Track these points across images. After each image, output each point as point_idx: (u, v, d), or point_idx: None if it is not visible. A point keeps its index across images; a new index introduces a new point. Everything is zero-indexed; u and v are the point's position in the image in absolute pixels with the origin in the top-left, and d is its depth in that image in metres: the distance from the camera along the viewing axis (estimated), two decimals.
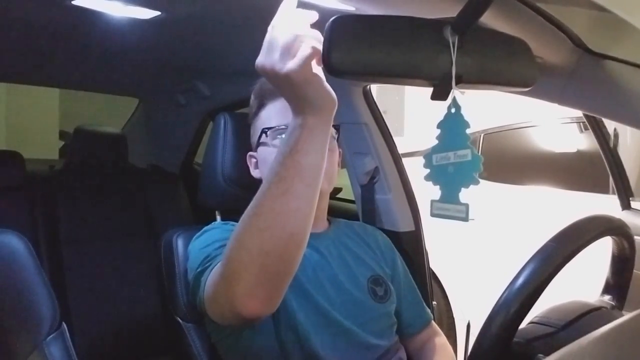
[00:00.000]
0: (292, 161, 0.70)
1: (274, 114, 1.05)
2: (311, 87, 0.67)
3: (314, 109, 0.69)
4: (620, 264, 0.95)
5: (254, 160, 1.10)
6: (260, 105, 1.08)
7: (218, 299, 0.82)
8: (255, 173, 1.10)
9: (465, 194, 0.71)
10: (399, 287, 1.15)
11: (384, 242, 1.20)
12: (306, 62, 0.64)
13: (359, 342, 1.00)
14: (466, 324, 2.17)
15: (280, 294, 0.78)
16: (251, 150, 1.12)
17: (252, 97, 1.11)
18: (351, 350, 0.99)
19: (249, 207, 0.74)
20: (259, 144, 1.06)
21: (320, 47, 0.65)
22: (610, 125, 2.06)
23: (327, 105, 0.70)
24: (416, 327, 1.17)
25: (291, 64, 0.64)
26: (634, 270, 0.95)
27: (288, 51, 0.64)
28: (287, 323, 0.95)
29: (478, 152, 1.67)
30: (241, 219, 0.74)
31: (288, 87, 0.67)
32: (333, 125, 1.08)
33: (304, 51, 0.64)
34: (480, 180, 0.70)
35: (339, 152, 1.12)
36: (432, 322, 1.21)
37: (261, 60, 0.67)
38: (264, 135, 1.04)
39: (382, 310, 1.06)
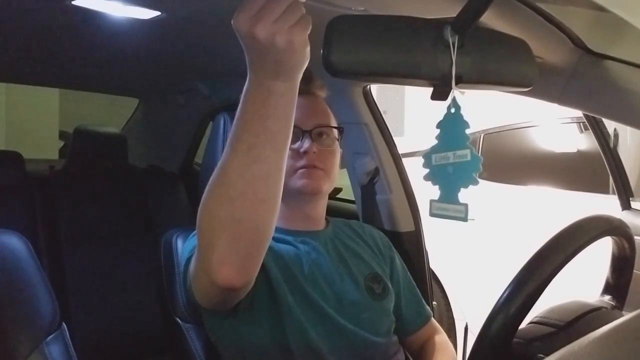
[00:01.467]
0: (262, 127, 0.68)
1: None
2: (302, 54, 0.65)
3: (288, 74, 0.66)
4: (620, 264, 0.94)
5: None
6: None
7: (198, 273, 0.82)
8: None
9: (465, 194, 0.71)
10: (398, 285, 1.15)
11: (382, 241, 1.20)
12: (309, 26, 0.62)
13: (357, 340, 1.00)
14: (464, 326, 2.17)
15: (256, 262, 0.78)
16: None
17: None
18: (349, 348, 0.99)
19: (214, 176, 0.72)
20: None
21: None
22: (610, 125, 2.06)
23: (302, 70, 0.67)
24: (416, 324, 1.17)
25: (299, 30, 0.61)
26: (634, 270, 0.95)
27: (292, 15, 0.60)
28: (285, 321, 0.95)
29: (478, 152, 1.68)
30: (207, 188, 0.74)
31: (279, 54, 0.62)
32: (336, 127, 1.09)
33: (306, 16, 0.61)
34: (480, 180, 0.70)
35: (340, 152, 1.12)
36: (432, 319, 1.22)
37: (251, 21, 0.60)
38: None
39: (380, 308, 1.06)
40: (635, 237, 0.92)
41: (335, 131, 1.09)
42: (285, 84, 0.67)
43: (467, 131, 0.72)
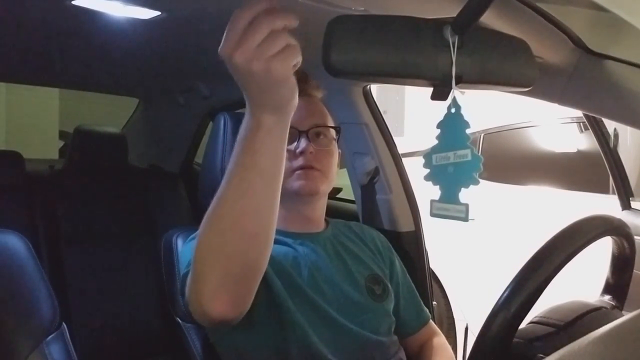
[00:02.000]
0: (251, 161, 0.68)
1: None
2: (285, 87, 0.64)
3: (275, 108, 0.66)
4: (620, 264, 0.94)
5: None
6: None
7: (191, 301, 0.81)
8: None
9: (465, 194, 0.71)
10: (397, 287, 1.15)
11: (382, 243, 1.20)
12: (293, 59, 0.61)
13: (358, 341, 1.00)
14: (464, 327, 2.17)
15: (248, 297, 0.78)
16: None
17: None
18: (350, 349, 0.99)
19: (210, 207, 0.72)
20: None
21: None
22: (610, 125, 2.06)
23: (290, 106, 0.67)
24: (415, 326, 1.17)
25: (279, 60, 0.60)
26: (634, 270, 0.95)
27: (273, 44, 0.59)
28: (285, 323, 0.94)
29: (478, 152, 1.67)
30: (204, 219, 0.73)
31: (261, 82, 0.62)
32: (334, 127, 1.09)
33: (292, 48, 0.61)
34: (481, 180, 0.70)
35: (339, 152, 1.12)
36: (431, 322, 1.22)
37: (231, 47, 0.60)
38: None
39: (381, 309, 1.06)
40: (635, 237, 0.92)
41: (333, 131, 1.09)
42: (273, 117, 0.67)
43: (468, 131, 0.72)
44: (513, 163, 2.92)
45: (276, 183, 0.72)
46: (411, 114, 5.22)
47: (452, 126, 0.73)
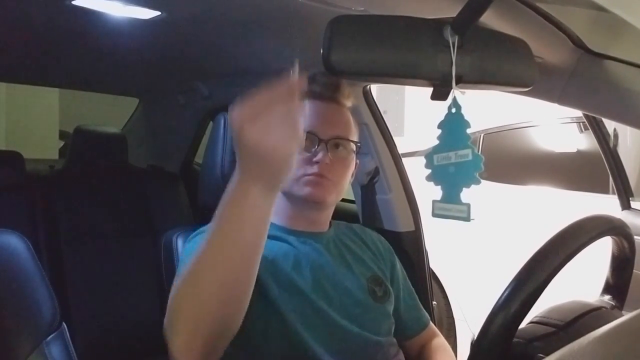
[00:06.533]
0: (231, 230, 0.67)
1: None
2: (284, 167, 0.64)
3: (267, 184, 0.65)
4: (620, 264, 0.94)
5: None
6: None
7: (165, 333, 0.77)
8: None
9: (466, 194, 0.71)
10: (398, 291, 1.15)
11: (384, 245, 1.20)
12: (299, 141, 0.62)
13: (359, 342, 1.00)
14: (470, 341, 2.16)
15: (219, 351, 0.76)
16: None
17: None
18: (351, 351, 0.98)
19: (189, 262, 0.70)
20: None
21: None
22: (610, 125, 2.06)
23: (280, 183, 0.67)
24: (415, 329, 1.17)
25: (287, 140, 0.61)
26: (634, 270, 0.95)
27: (285, 125, 0.61)
28: (281, 326, 0.94)
29: (478, 152, 1.67)
30: (185, 267, 0.72)
31: (263, 158, 0.62)
32: (355, 142, 1.07)
33: (299, 130, 0.62)
34: (481, 180, 0.70)
35: (356, 163, 1.09)
36: (431, 323, 1.22)
37: (245, 119, 0.61)
38: None
39: (382, 310, 1.06)
40: (635, 237, 0.91)
41: (354, 146, 1.06)
42: (262, 193, 0.65)
43: (468, 131, 0.72)
44: (513, 163, 2.92)
45: (256, 255, 0.70)
46: (411, 114, 5.22)
47: (453, 126, 0.73)
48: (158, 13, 1.26)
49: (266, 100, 0.61)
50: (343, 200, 2.07)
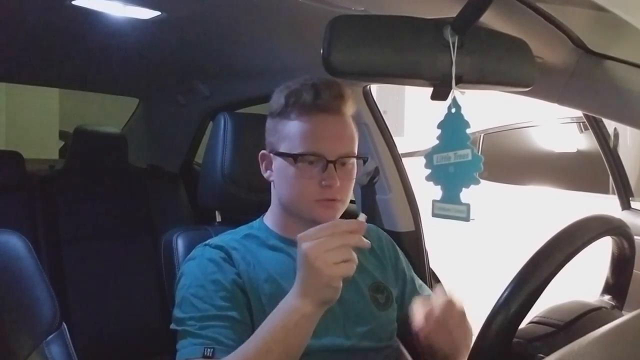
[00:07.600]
0: (282, 337, 0.79)
1: (308, 135, 0.97)
2: (333, 289, 0.77)
3: (319, 302, 0.79)
4: (620, 264, 0.94)
5: (266, 161, 1.05)
6: (296, 112, 0.98)
7: None
8: (266, 174, 1.05)
9: (466, 194, 0.71)
10: (404, 286, 1.13)
11: (386, 242, 1.18)
12: (348, 271, 0.77)
13: (358, 355, 0.99)
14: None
15: None
16: (260, 149, 1.06)
17: (287, 92, 0.99)
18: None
19: (239, 350, 0.83)
20: (279, 153, 1.00)
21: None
22: (610, 125, 2.06)
23: (329, 304, 0.80)
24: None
25: (337, 267, 0.76)
26: (634, 270, 0.95)
27: (338, 254, 0.76)
28: None
29: (478, 152, 1.67)
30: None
31: (316, 277, 0.76)
32: (361, 157, 1.06)
33: (351, 263, 0.77)
34: (481, 180, 0.70)
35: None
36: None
37: (309, 239, 0.77)
38: (289, 157, 0.98)
39: (385, 318, 1.05)
40: (635, 237, 0.92)
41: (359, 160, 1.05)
42: (313, 309, 0.79)
43: (468, 131, 0.72)
44: (513, 163, 2.92)
45: (297, 356, 0.83)
46: (411, 114, 5.22)
47: (453, 126, 0.73)
48: (158, 13, 1.26)
49: (329, 231, 0.78)
50: None
